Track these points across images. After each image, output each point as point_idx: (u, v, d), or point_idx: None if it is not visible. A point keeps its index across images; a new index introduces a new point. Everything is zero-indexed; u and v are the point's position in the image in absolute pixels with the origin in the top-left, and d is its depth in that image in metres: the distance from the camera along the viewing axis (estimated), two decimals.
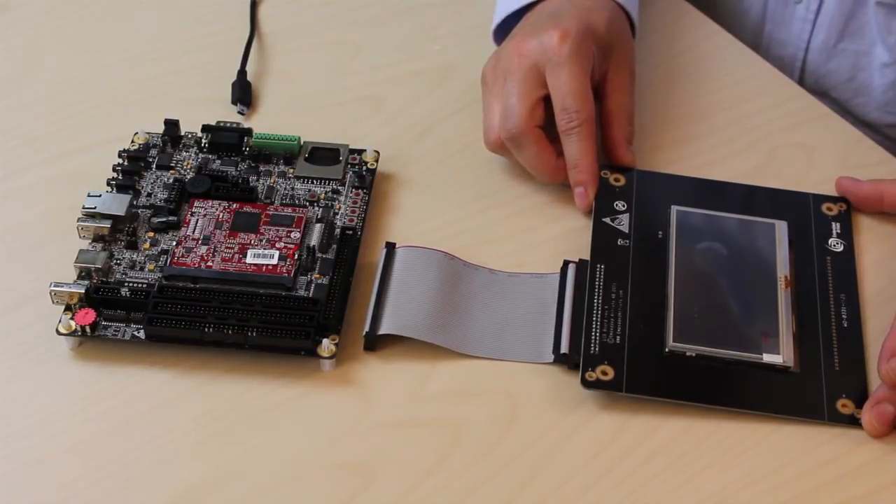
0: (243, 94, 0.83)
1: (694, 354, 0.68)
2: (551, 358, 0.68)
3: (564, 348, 0.68)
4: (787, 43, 0.92)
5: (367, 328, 0.68)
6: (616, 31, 0.79)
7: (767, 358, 0.68)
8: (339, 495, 0.63)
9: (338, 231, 0.73)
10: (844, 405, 0.66)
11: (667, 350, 0.68)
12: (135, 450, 0.65)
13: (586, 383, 0.66)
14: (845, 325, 0.70)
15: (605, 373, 0.67)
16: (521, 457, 0.65)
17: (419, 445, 0.65)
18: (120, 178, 0.76)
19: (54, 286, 0.69)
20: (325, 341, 0.67)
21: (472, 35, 0.88)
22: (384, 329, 0.68)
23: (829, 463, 0.65)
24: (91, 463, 0.64)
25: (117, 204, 0.73)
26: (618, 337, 0.68)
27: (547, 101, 0.75)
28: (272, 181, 0.76)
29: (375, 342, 0.68)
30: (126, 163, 0.77)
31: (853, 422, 0.65)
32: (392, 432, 0.66)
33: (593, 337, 0.68)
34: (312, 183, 0.76)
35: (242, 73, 0.85)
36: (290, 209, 0.74)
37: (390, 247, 0.73)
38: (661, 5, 0.91)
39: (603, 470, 0.64)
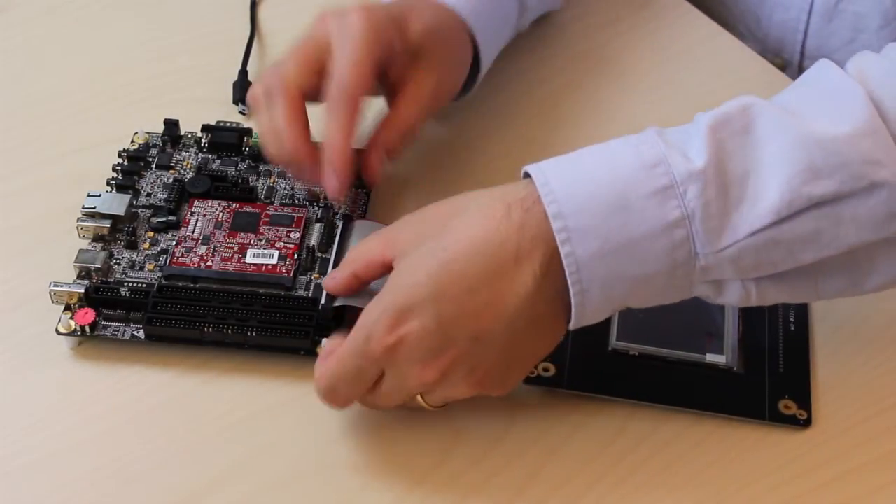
0: (244, 94, 0.83)
1: (637, 353, 0.68)
2: None
3: None
4: (790, 6, 0.92)
5: (323, 301, 0.68)
6: (438, 39, 0.75)
7: (711, 358, 0.68)
8: (339, 495, 0.63)
9: (339, 225, 0.73)
10: (787, 406, 0.67)
11: (610, 348, 0.68)
12: (134, 449, 0.65)
13: (527, 379, 0.66)
14: (792, 329, 0.70)
15: (546, 369, 0.67)
16: (521, 457, 0.65)
17: (419, 445, 0.65)
18: (120, 177, 0.76)
19: (54, 286, 0.69)
20: (325, 341, 0.67)
21: None
22: (340, 301, 0.67)
23: (829, 463, 0.65)
24: (91, 462, 0.64)
25: (117, 204, 0.73)
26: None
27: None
28: (272, 181, 0.76)
29: (341, 317, 0.68)
30: (126, 162, 0.77)
31: (794, 422, 0.66)
32: (392, 432, 0.66)
33: None
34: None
35: (243, 72, 0.85)
36: (289, 209, 0.74)
37: (347, 219, 0.73)
38: (661, 5, 0.91)
39: (602, 470, 0.64)
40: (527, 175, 0.62)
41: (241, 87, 0.84)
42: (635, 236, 0.59)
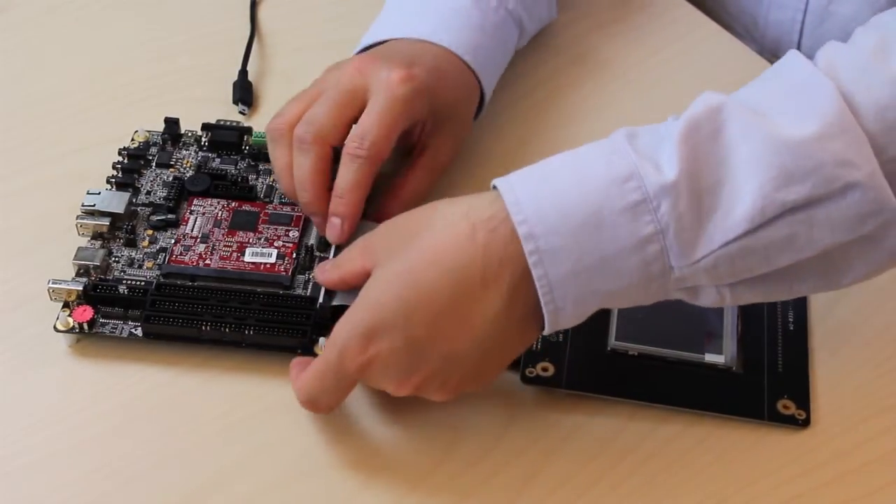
0: (245, 93, 0.83)
1: (636, 353, 0.68)
2: None
3: None
4: (785, 6, 0.92)
5: (321, 300, 0.68)
6: (460, 109, 0.76)
7: (709, 358, 0.68)
8: (339, 495, 0.63)
9: None
10: (786, 406, 0.67)
11: (609, 348, 0.68)
12: (134, 449, 0.65)
13: (526, 379, 0.67)
14: (791, 329, 0.70)
15: (545, 369, 0.67)
16: (520, 457, 0.65)
17: (419, 445, 0.65)
18: (119, 175, 0.75)
19: (52, 283, 0.69)
20: (322, 340, 0.67)
21: None
22: (338, 300, 0.67)
23: (828, 463, 0.65)
24: (90, 461, 0.64)
25: (116, 201, 0.73)
26: (560, 335, 0.69)
27: None
28: (271, 180, 0.76)
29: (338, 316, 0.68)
30: (126, 160, 0.77)
31: (793, 422, 0.66)
32: (392, 432, 0.65)
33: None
34: None
35: (244, 72, 0.85)
36: (288, 208, 0.73)
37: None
38: (661, 5, 0.91)
39: (602, 470, 0.64)
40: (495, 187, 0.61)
41: (241, 87, 0.84)
42: (608, 254, 0.59)
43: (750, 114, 0.59)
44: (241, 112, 0.82)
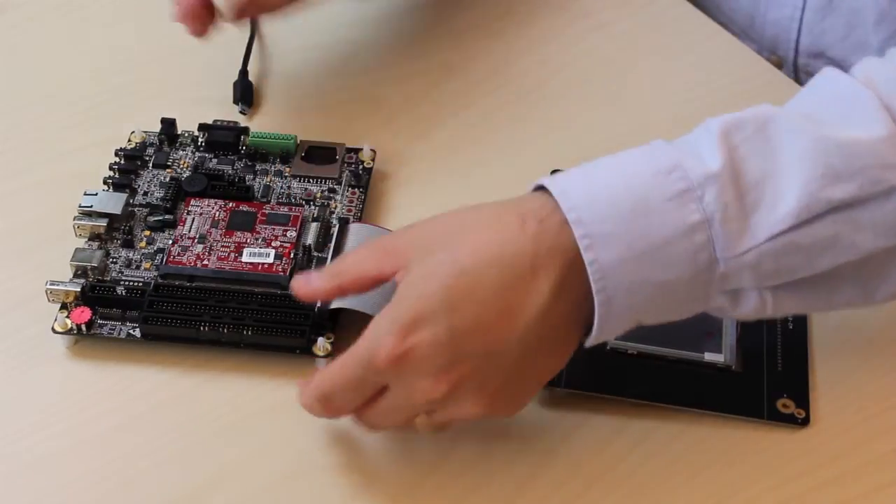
0: (245, 94, 0.83)
1: (635, 352, 0.68)
2: None
3: None
4: (784, 3, 0.92)
5: (318, 303, 0.68)
6: None
7: (709, 357, 0.68)
8: (339, 495, 0.63)
9: (335, 228, 0.73)
10: (785, 405, 0.66)
11: (608, 347, 0.68)
12: (133, 449, 0.64)
13: None
14: (790, 327, 0.70)
15: None
16: (520, 456, 0.64)
17: (419, 445, 0.65)
18: (116, 176, 0.75)
19: (50, 284, 0.69)
20: (321, 340, 0.67)
21: (472, 35, 0.88)
22: (336, 304, 0.67)
23: (828, 462, 0.64)
24: (88, 462, 0.64)
25: (113, 202, 0.73)
26: None
27: None
28: (268, 180, 0.76)
29: (336, 317, 0.68)
30: (122, 161, 0.76)
31: (792, 421, 0.66)
32: (392, 432, 0.65)
33: None
34: (309, 182, 0.76)
35: (244, 72, 0.85)
36: (286, 208, 0.73)
37: (343, 222, 0.73)
38: (661, 5, 0.90)
39: (602, 469, 0.64)
40: (536, 190, 0.61)
41: (243, 87, 0.84)
42: (657, 241, 0.58)
43: (795, 115, 0.59)
44: (241, 112, 0.82)
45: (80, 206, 0.72)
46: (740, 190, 0.58)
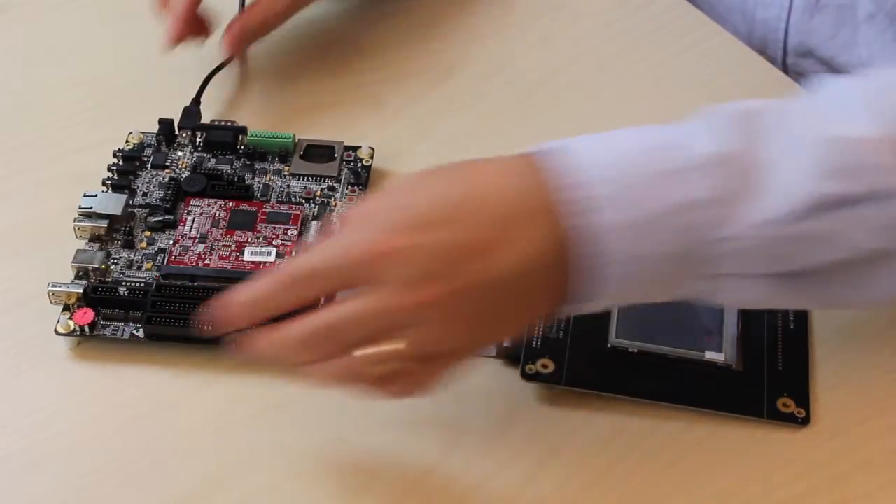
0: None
1: (636, 351, 0.68)
2: (493, 352, 0.68)
3: (507, 342, 0.68)
4: (770, 4, 0.92)
5: (322, 301, 0.67)
6: None
7: (709, 356, 0.68)
8: (339, 495, 0.63)
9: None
10: (785, 404, 0.67)
11: (609, 345, 0.68)
12: (135, 449, 0.65)
13: (526, 376, 0.67)
14: (791, 327, 0.70)
15: (545, 366, 0.67)
16: (520, 456, 0.65)
17: (419, 445, 0.65)
18: (115, 177, 0.75)
19: (52, 286, 0.69)
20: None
21: (472, 35, 0.88)
22: None
23: (828, 461, 0.65)
24: (90, 462, 0.64)
25: (113, 203, 0.73)
26: (561, 332, 0.69)
27: None
28: (268, 179, 0.76)
29: None
30: (121, 162, 0.76)
31: (793, 420, 0.66)
32: (392, 432, 0.65)
33: (536, 331, 0.68)
34: (308, 180, 0.76)
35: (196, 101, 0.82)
36: (286, 206, 0.74)
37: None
38: (661, 5, 0.91)
39: (602, 469, 0.64)
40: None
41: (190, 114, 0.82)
42: (653, 213, 0.57)
43: (792, 111, 0.60)
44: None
45: (79, 208, 0.72)
46: (737, 175, 0.58)
